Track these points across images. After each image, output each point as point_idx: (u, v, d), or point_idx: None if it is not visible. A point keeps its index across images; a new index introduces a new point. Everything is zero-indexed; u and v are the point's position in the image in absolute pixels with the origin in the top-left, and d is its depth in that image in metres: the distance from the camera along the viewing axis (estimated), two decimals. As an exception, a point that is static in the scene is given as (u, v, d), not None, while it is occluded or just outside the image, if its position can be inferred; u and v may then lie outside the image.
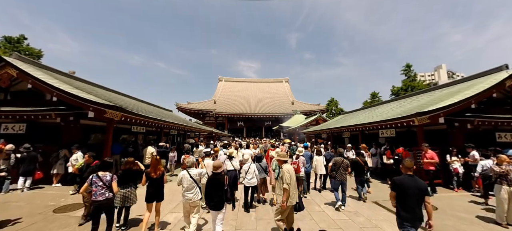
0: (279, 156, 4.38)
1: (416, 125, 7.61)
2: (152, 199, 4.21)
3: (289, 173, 3.94)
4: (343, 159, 5.90)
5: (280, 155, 4.39)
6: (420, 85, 26.28)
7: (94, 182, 3.76)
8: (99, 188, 3.73)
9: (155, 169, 4.30)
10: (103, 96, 8.38)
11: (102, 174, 3.85)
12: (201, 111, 40.37)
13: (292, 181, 3.95)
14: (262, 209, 5.73)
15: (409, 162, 3.26)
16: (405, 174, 3.21)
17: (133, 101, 13.06)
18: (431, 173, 7.04)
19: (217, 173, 3.90)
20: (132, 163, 4.69)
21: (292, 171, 4.10)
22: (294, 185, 4.00)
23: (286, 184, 3.83)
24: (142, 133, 11.03)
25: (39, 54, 31.16)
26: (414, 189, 3.03)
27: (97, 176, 3.80)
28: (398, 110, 10.08)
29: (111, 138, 7.45)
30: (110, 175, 3.94)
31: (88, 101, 6.51)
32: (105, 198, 3.72)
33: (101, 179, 3.78)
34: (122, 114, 6.84)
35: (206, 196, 3.80)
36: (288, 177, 3.90)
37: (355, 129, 11.96)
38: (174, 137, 16.42)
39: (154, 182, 4.26)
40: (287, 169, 4.01)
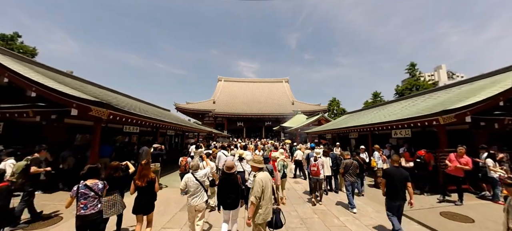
0: (253, 162, 3.61)
1: (436, 125, 6.88)
2: (138, 211, 3.71)
3: (262, 183, 3.24)
4: (353, 161, 5.90)
5: (255, 160, 3.61)
6: (425, 84, 25.63)
7: (84, 194, 3.02)
8: (91, 199, 3.04)
9: (141, 175, 3.77)
10: (93, 94, 7.56)
11: (92, 183, 3.12)
12: (200, 111, 39.54)
13: (265, 194, 3.26)
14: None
15: (396, 156, 4.49)
16: (392, 166, 4.34)
17: (127, 99, 12.22)
18: (460, 180, 6.14)
19: (230, 173, 3.84)
20: (114, 168, 3.96)
21: (267, 181, 3.36)
22: (268, 198, 3.28)
23: (253, 196, 3.20)
24: (136, 133, 10.20)
25: (33, 52, 30.20)
26: (398, 177, 3.99)
27: (86, 186, 3.06)
28: (413, 109, 9.34)
29: (99, 138, 6.63)
30: (102, 183, 3.24)
31: (71, 97, 5.69)
32: (97, 210, 3.11)
33: (92, 189, 3.07)
34: (110, 112, 6.03)
35: (220, 196, 3.79)
36: (260, 188, 3.21)
37: (364, 129, 11.20)
38: (172, 138, 15.60)
39: (141, 191, 3.73)
40: (261, 178, 3.30)
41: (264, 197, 3.25)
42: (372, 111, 15.46)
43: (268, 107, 42.10)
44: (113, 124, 8.73)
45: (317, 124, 25.30)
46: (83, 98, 5.64)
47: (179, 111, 39.14)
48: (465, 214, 5.25)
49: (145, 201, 3.71)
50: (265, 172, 3.53)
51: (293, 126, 29.09)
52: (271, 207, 3.36)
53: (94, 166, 3.30)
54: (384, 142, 11.06)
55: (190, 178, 3.86)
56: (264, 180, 3.31)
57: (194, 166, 4.05)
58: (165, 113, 15.92)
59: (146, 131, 11.00)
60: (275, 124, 37.42)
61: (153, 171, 5.20)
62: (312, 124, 25.63)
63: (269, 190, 3.34)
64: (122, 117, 6.69)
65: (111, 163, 4.18)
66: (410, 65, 27.43)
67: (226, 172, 3.86)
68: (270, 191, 3.38)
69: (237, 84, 55.36)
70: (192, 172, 3.97)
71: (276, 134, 37.80)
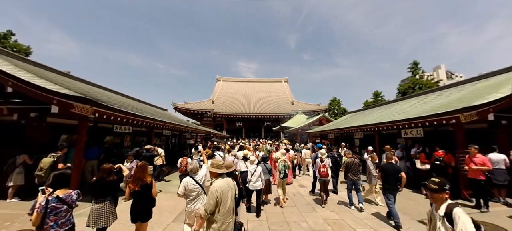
0: (212, 166, 3.03)
1: (454, 123, 6.32)
2: (135, 219, 3.41)
3: (217, 193, 2.67)
4: (354, 160, 5.88)
5: (214, 164, 3.03)
6: (429, 83, 25.13)
7: (55, 208, 2.38)
8: (63, 213, 2.43)
9: (136, 179, 3.42)
10: (81, 91, 6.87)
11: (65, 194, 2.50)
12: (198, 111, 38.85)
13: (222, 206, 2.69)
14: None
15: (390, 155, 5.10)
16: (387, 162, 4.98)
17: (120, 97, 11.54)
18: (482, 183, 5.56)
19: (229, 172, 3.52)
20: (107, 171, 3.43)
21: (226, 190, 2.78)
22: (226, 211, 2.71)
23: (203, 208, 2.73)
24: (129, 134, 9.54)
25: (27, 51, 29.34)
26: (392, 171, 4.79)
27: (58, 199, 2.42)
28: (426, 107, 8.77)
29: (84, 139, 5.98)
30: (76, 193, 2.63)
31: (50, 92, 5.03)
32: (70, 226, 2.55)
33: (65, 202, 2.46)
34: (94, 109, 5.38)
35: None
36: (213, 199, 2.65)
37: (371, 129, 10.62)
38: (168, 138, 14.94)
39: (136, 196, 3.42)
40: (217, 187, 2.73)
41: (219, 210, 2.67)
42: (376, 110, 14.89)
43: (267, 107, 41.55)
44: (103, 123, 8.09)
45: (318, 123, 24.75)
46: (64, 94, 4.98)
47: (177, 111, 38.40)
48: (493, 223, 4.66)
49: (140, 207, 3.40)
50: (226, 179, 2.92)
51: (294, 126, 28.51)
52: (231, 221, 2.76)
53: (63, 172, 2.65)
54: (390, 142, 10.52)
55: (190, 182, 3.59)
56: (221, 189, 2.72)
57: (193, 169, 3.80)
58: (161, 112, 15.25)
59: (139, 131, 10.33)
60: (275, 124, 36.86)
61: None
62: (313, 123, 25.04)
63: (229, 201, 2.74)
64: (110, 115, 6.05)
65: (104, 165, 3.58)
66: (413, 64, 26.94)
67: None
68: (230, 203, 2.76)
69: (236, 84, 54.75)
70: (191, 175, 3.73)
71: (276, 134, 37.23)
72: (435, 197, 2.18)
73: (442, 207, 2.11)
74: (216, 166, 2.99)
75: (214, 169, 2.97)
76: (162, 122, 9.39)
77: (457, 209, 1.98)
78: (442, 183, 2.15)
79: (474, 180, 5.65)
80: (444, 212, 2.06)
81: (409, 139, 9.77)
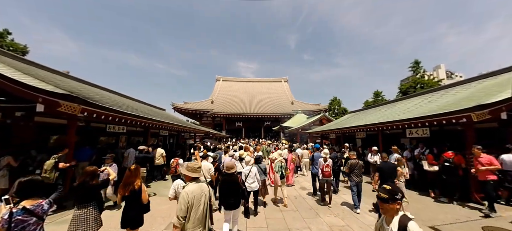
0: (187, 170, 2.75)
1: (464, 122, 6.01)
2: (124, 225, 3.23)
3: (188, 198, 2.41)
4: (358, 161, 5.76)
5: (189, 168, 2.74)
6: (431, 82, 24.83)
7: (21, 222, 2.00)
8: (32, 227, 2.05)
9: (126, 184, 3.21)
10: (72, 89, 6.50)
11: (33, 204, 2.13)
12: (198, 111, 38.50)
13: (193, 213, 2.42)
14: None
15: (385, 155, 5.57)
16: (383, 161, 5.39)
17: (115, 96, 11.18)
18: (491, 184, 5.26)
19: (230, 173, 3.83)
20: (90, 174, 3.21)
21: (198, 195, 2.51)
22: (197, 219, 2.44)
23: (175, 215, 2.42)
24: (124, 134, 9.19)
25: (24, 50, 28.95)
26: (388, 169, 5.03)
27: (24, 211, 2.04)
28: (432, 106, 8.45)
29: (73, 139, 5.64)
30: (47, 202, 2.26)
31: (35, 89, 4.68)
32: None
33: (33, 213, 2.08)
34: (83, 108, 5.03)
35: (222, 196, 3.78)
36: (184, 204, 2.38)
37: (374, 129, 10.29)
38: (166, 138, 14.59)
39: (127, 201, 3.24)
40: (189, 191, 2.47)
41: (190, 218, 2.39)
42: (379, 110, 14.57)
43: (267, 107, 41.23)
44: (96, 123, 7.75)
45: (319, 123, 24.43)
46: (49, 91, 4.63)
47: (176, 111, 38.04)
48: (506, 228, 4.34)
49: (131, 213, 3.20)
50: (201, 184, 2.67)
51: (294, 125, 28.19)
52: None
53: (31, 179, 2.29)
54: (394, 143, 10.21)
55: (181, 185, 3.35)
56: (193, 194, 2.45)
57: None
58: (159, 112, 14.89)
59: (135, 131, 9.98)
60: (275, 123, 36.57)
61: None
62: (313, 123, 24.73)
63: (201, 208, 2.47)
64: (100, 114, 5.70)
65: (87, 168, 3.37)
66: (414, 63, 26.62)
67: (226, 173, 3.87)
68: (203, 210, 2.48)
69: (235, 84, 54.41)
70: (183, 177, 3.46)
71: (276, 134, 36.91)
72: (385, 207, 1.86)
73: (394, 220, 1.79)
74: (190, 169, 2.69)
75: (188, 172, 2.67)
76: (158, 122, 9.05)
77: (412, 224, 1.69)
78: (393, 191, 1.85)
79: (485, 182, 5.34)
80: (397, 227, 1.75)
81: (413, 139, 9.45)
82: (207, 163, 5.41)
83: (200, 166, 2.80)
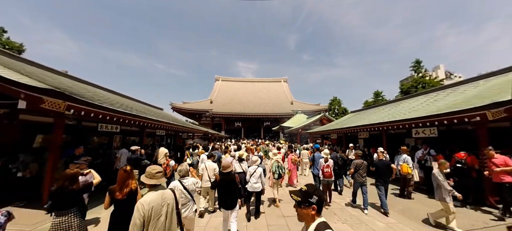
0: (145, 176, 2.37)
1: (477, 121, 5.67)
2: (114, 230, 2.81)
3: (144, 209, 2.06)
4: (362, 161, 5.66)
5: (148, 173, 2.36)
6: (432, 82, 24.55)
7: None
8: None
9: (123, 185, 2.83)
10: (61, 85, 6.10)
11: None
12: (197, 111, 38.12)
13: (152, 227, 2.09)
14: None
15: (380, 153, 5.79)
16: (379, 159, 5.70)
17: (109, 94, 10.76)
18: (507, 186, 4.89)
19: (226, 172, 3.81)
20: (69, 177, 2.88)
21: (157, 206, 2.16)
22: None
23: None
24: (118, 133, 8.79)
25: (20, 49, 28.46)
26: (383, 166, 5.52)
27: None
28: (439, 105, 8.10)
29: (60, 139, 5.24)
30: (4, 214, 2.04)
31: (16, 84, 4.28)
32: None
33: None
34: (68, 104, 4.63)
35: (220, 197, 3.78)
36: (139, 217, 2.03)
37: (378, 128, 9.95)
38: (163, 138, 14.18)
39: (119, 205, 2.81)
40: (145, 202, 2.11)
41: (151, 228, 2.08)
42: (381, 109, 14.23)
43: (266, 107, 40.90)
44: (88, 121, 7.35)
45: (319, 123, 24.11)
46: (31, 86, 4.24)
47: (175, 111, 37.66)
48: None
49: (123, 217, 2.76)
50: (162, 192, 2.32)
51: (293, 125, 27.88)
52: None
53: None
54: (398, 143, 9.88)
55: (177, 187, 3.25)
56: (150, 205, 2.10)
57: (183, 170, 3.47)
58: (156, 111, 14.49)
59: (129, 130, 9.58)
60: (274, 124, 36.27)
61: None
62: (313, 123, 24.43)
63: (162, 219, 2.13)
64: (89, 112, 5.30)
65: (66, 171, 3.02)
66: (415, 62, 26.33)
67: (223, 172, 3.83)
68: (165, 221, 2.15)
69: (235, 84, 54.05)
70: (180, 179, 3.41)
71: (276, 134, 36.58)
72: (300, 213, 1.54)
73: (311, 227, 1.46)
74: (148, 175, 2.31)
75: (146, 178, 2.31)
76: (153, 121, 8.65)
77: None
78: (307, 192, 1.51)
79: (500, 184, 5.01)
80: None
81: (419, 139, 9.12)
82: (212, 162, 5.29)
83: (160, 170, 2.39)
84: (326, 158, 5.85)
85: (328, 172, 5.68)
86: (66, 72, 10.38)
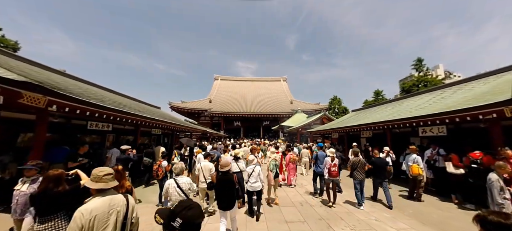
0: (90, 179, 2.02)
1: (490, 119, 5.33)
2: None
3: (83, 220, 1.71)
4: (359, 159, 5.79)
5: (93, 176, 2.00)
6: (434, 80, 24.24)
7: None
8: None
9: (117, 187, 2.45)
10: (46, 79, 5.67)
11: None
12: (195, 110, 37.73)
13: None
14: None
15: (376, 152, 6.38)
16: (377, 157, 6.18)
17: (102, 91, 10.30)
18: None
19: (224, 171, 3.75)
20: (53, 179, 2.60)
21: (102, 215, 1.81)
22: None
23: None
24: (110, 132, 8.36)
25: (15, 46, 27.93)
26: (380, 164, 5.98)
27: None
28: (448, 102, 7.73)
29: (43, 137, 4.82)
30: None
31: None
32: None
33: None
34: (49, 99, 4.21)
35: (217, 196, 3.73)
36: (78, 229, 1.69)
37: (382, 127, 9.58)
38: (160, 137, 13.75)
39: None
40: (88, 210, 1.77)
41: None
42: (384, 107, 13.87)
43: (266, 106, 40.56)
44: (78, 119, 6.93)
45: (319, 122, 23.74)
46: (7, 79, 3.81)
47: (174, 110, 37.28)
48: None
49: None
50: (111, 197, 1.94)
51: (293, 125, 27.51)
52: None
53: None
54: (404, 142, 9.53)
55: (172, 185, 3.26)
56: (92, 215, 1.75)
57: (178, 168, 3.45)
58: (152, 110, 14.05)
59: (123, 129, 9.15)
60: (274, 123, 35.94)
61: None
62: (314, 122, 24.06)
63: (108, 230, 1.81)
64: (74, 108, 4.88)
65: (49, 172, 2.71)
66: (417, 61, 25.98)
67: (221, 171, 3.80)
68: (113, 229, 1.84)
69: (234, 83, 53.65)
70: (175, 177, 3.38)
71: (275, 133, 36.24)
72: None
73: None
74: (93, 178, 1.96)
75: (91, 182, 1.95)
76: (148, 119, 8.23)
77: None
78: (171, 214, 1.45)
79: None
80: None
81: (425, 138, 8.75)
82: (208, 162, 5.16)
83: (108, 172, 2.04)
84: (333, 156, 5.72)
85: (335, 171, 5.57)
86: (64, 71, 10.10)
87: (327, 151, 6.07)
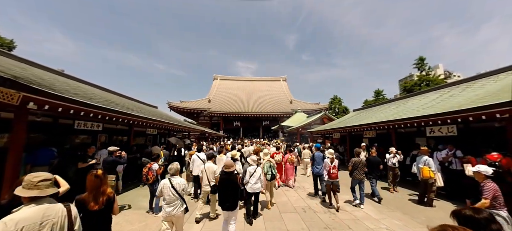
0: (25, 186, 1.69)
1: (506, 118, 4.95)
2: None
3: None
4: (361, 159, 5.80)
5: (25, 182, 1.72)
6: (437, 80, 23.86)
7: None
8: None
9: (97, 194, 2.35)
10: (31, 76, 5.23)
11: None
12: (194, 110, 37.35)
13: None
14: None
15: (373, 151, 6.80)
16: (371, 156, 6.54)
17: (93, 89, 9.84)
18: None
19: (228, 172, 3.70)
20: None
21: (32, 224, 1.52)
22: None
23: None
24: (101, 132, 7.92)
25: (10, 45, 27.43)
26: (374, 162, 6.33)
27: None
28: (458, 100, 7.34)
29: (22, 138, 4.38)
30: None
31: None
32: None
33: None
34: (24, 95, 3.78)
35: (220, 197, 3.71)
36: None
37: (387, 127, 9.18)
38: (156, 138, 13.32)
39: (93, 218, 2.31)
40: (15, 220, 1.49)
41: None
42: (388, 107, 13.47)
43: (265, 106, 40.20)
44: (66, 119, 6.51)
45: (320, 122, 23.35)
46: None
47: (172, 110, 36.87)
48: None
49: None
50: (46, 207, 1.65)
51: (293, 125, 27.11)
52: None
53: None
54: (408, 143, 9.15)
55: (166, 185, 3.28)
56: (20, 225, 1.47)
57: (173, 169, 3.44)
58: (148, 109, 13.61)
59: (116, 129, 8.71)
60: (273, 123, 35.57)
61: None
62: (314, 122, 23.66)
63: None
64: (56, 106, 4.45)
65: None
66: (419, 60, 25.61)
67: (225, 171, 3.74)
68: None
69: (233, 83, 53.27)
70: (169, 177, 3.39)
71: (275, 133, 35.86)
72: None
73: None
74: (26, 184, 1.65)
75: (22, 190, 1.64)
76: (141, 118, 7.80)
77: None
78: None
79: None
80: None
81: (432, 138, 8.37)
82: (212, 164, 4.95)
83: (45, 178, 1.72)
84: (332, 158, 5.61)
85: (334, 173, 5.49)
86: (63, 71, 9.76)
87: (326, 152, 5.95)
